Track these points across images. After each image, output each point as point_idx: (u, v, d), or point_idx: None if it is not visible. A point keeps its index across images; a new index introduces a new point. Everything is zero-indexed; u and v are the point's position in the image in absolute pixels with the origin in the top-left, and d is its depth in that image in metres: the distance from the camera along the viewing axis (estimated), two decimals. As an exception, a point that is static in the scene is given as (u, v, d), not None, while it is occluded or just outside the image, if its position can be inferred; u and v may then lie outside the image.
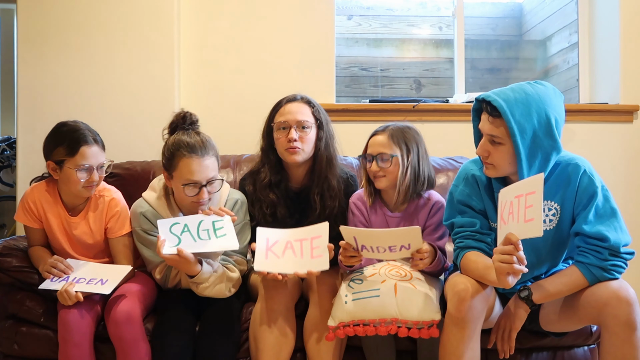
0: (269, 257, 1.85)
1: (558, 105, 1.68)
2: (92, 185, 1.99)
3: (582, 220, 1.67)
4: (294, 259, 1.85)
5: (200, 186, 1.90)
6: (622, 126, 3.02)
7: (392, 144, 1.94)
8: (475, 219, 1.79)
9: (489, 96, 1.67)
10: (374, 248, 1.77)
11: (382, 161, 1.94)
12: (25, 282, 2.02)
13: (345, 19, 3.43)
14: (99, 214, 2.06)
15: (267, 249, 1.86)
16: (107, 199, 2.07)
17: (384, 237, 1.74)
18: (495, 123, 1.66)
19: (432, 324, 1.73)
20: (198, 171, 1.89)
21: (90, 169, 1.96)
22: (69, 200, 2.07)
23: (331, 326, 1.79)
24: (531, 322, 1.81)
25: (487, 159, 1.72)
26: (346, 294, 1.80)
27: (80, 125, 2.01)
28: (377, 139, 1.97)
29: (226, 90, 2.92)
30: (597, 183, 1.69)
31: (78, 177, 1.95)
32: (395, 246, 1.75)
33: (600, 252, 1.64)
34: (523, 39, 3.65)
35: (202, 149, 1.91)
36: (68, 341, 1.82)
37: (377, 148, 1.95)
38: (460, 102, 3.04)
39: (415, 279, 1.82)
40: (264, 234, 1.89)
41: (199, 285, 1.87)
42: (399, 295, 1.76)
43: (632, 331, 1.56)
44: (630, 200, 2.98)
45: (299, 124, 2.02)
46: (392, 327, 1.75)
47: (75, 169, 1.94)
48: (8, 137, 3.97)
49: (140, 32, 2.78)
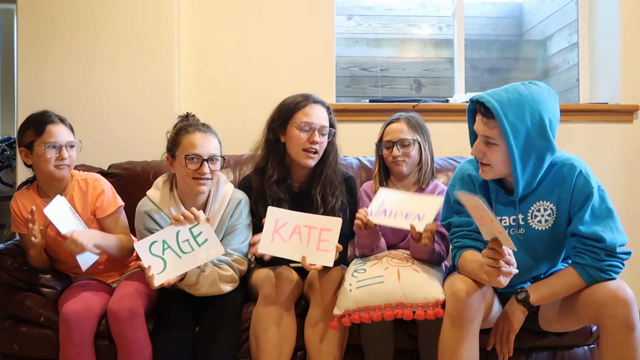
0: (275, 239, 1.87)
1: (552, 105, 1.67)
2: (63, 165, 2.02)
3: (578, 220, 1.67)
4: (299, 245, 1.87)
5: (202, 160, 1.93)
6: (622, 126, 3.02)
7: (410, 130, 2.08)
8: (472, 218, 1.79)
9: (483, 97, 1.67)
10: (393, 212, 1.88)
11: (404, 146, 2.06)
12: (25, 282, 2.02)
13: (345, 19, 3.43)
14: (84, 195, 2.08)
15: (274, 230, 1.88)
16: (89, 180, 2.11)
17: (409, 200, 1.91)
18: (489, 124, 1.66)
19: (436, 304, 1.74)
20: (200, 144, 1.95)
21: (59, 147, 2.01)
22: (48, 189, 2.09)
23: (337, 314, 1.79)
24: (531, 322, 1.81)
25: (483, 160, 1.72)
26: (350, 283, 1.83)
27: (46, 111, 2.08)
28: (395, 126, 2.10)
29: (226, 90, 2.92)
30: (592, 183, 1.68)
31: (47, 156, 1.99)
32: (410, 213, 1.85)
33: (596, 253, 1.64)
34: (523, 39, 3.65)
35: (205, 127, 2.01)
36: (69, 341, 1.82)
37: (397, 134, 2.07)
38: (460, 102, 3.04)
39: (417, 265, 1.86)
40: (273, 214, 1.91)
41: (190, 286, 1.88)
42: (402, 279, 1.79)
43: (630, 331, 1.56)
44: (630, 200, 2.98)
45: (322, 129, 2.06)
46: (397, 311, 1.76)
47: (44, 146, 1.99)
48: (8, 137, 3.97)
49: (141, 32, 2.79)
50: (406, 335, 1.96)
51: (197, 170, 1.93)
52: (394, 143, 2.07)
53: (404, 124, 2.09)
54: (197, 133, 1.96)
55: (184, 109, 2.85)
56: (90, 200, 2.08)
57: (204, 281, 1.88)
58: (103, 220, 2.09)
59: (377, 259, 1.93)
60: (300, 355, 1.96)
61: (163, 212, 2.00)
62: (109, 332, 1.88)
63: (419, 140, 2.08)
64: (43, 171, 2.03)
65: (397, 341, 1.96)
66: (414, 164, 2.09)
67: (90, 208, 2.08)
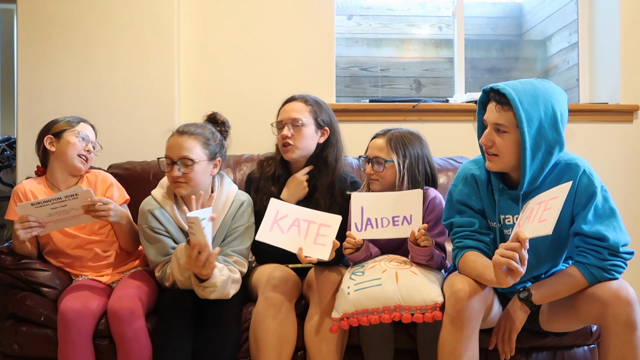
0: (274, 229, 1.89)
1: (563, 102, 1.70)
2: (86, 157, 2.13)
3: (581, 220, 1.67)
4: (297, 238, 1.88)
5: (172, 162, 1.93)
6: (622, 126, 3.02)
7: (388, 149, 1.96)
8: (474, 218, 1.79)
9: (498, 85, 1.68)
10: (379, 221, 1.84)
11: (377, 164, 1.97)
12: (25, 281, 2.02)
13: (345, 19, 3.43)
14: (93, 186, 2.13)
15: (274, 220, 1.90)
16: (97, 174, 2.20)
17: (387, 201, 1.86)
18: (503, 111, 1.66)
19: (435, 307, 1.73)
20: (170, 147, 1.96)
21: (87, 140, 2.15)
22: (59, 181, 2.15)
23: (335, 318, 1.79)
24: (531, 322, 1.80)
25: (491, 149, 1.71)
26: (348, 286, 1.82)
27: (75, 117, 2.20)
28: (376, 142, 2.01)
29: (226, 90, 2.92)
30: (596, 183, 1.69)
31: (77, 144, 2.11)
32: (398, 218, 1.81)
33: (599, 252, 1.64)
34: (523, 39, 3.65)
35: (185, 129, 1.98)
36: (67, 339, 1.83)
37: (374, 151, 2.00)
38: (460, 102, 3.04)
39: (415, 267, 1.84)
40: (275, 206, 1.93)
41: (205, 288, 1.85)
42: (400, 282, 1.78)
43: (632, 331, 1.56)
44: (630, 200, 2.98)
45: (293, 121, 2.07)
46: (395, 314, 1.76)
47: (76, 135, 2.12)
48: (8, 137, 3.96)
49: (141, 32, 2.79)
50: (406, 335, 1.96)
51: (168, 172, 1.95)
52: (370, 159, 2.00)
53: (384, 141, 1.98)
54: (174, 135, 1.98)
55: (184, 109, 2.87)
56: (101, 191, 2.15)
57: (221, 284, 1.85)
58: None
59: (375, 261, 1.91)
60: (301, 355, 1.96)
61: (165, 210, 2.01)
62: (109, 332, 1.88)
63: (395, 161, 1.94)
64: (65, 159, 2.11)
65: (397, 341, 1.96)
66: (388, 184, 1.97)
67: (98, 195, 2.12)
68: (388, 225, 1.84)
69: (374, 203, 1.88)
